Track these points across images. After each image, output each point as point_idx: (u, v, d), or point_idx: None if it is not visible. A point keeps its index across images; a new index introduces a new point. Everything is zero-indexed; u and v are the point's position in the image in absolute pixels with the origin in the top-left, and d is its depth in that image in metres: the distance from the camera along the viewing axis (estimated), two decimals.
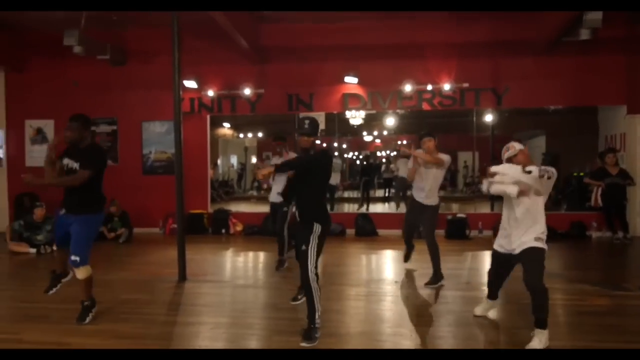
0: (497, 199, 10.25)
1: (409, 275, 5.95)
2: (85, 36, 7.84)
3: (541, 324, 3.67)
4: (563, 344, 3.82)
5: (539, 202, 3.82)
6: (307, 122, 3.80)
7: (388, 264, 6.93)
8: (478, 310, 4.43)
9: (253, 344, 3.90)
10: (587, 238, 8.44)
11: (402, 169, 10.21)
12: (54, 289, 4.45)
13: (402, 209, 10.21)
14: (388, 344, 3.83)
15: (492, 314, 4.41)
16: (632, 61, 8.46)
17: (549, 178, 3.61)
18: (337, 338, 3.92)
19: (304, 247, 3.72)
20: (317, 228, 3.69)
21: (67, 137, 4.17)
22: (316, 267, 3.75)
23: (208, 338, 3.99)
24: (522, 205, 3.80)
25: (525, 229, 3.81)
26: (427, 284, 5.38)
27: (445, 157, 5.40)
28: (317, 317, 3.76)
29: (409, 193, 6.49)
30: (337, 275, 6.01)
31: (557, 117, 11.79)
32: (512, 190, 3.72)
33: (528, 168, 3.64)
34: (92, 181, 4.12)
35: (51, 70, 9.47)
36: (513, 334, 4.01)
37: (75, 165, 4.13)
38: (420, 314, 4.54)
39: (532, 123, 13.01)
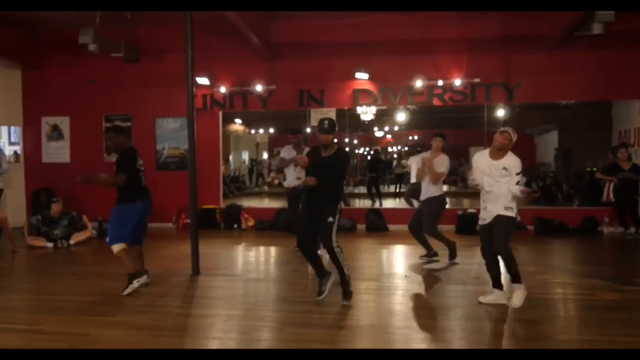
0: None
1: (419, 270, 6.01)
2: (99, 34, 7.98)
3: (515, 278, 4.37)
4: (571, 337, 3.86)
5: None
6: (326, 122, 4.43)
7: (399, 258, 6.98)
8: (483, 299, 4.56)
9: (265, 335, 3.99)
10: (598, 233, 8.41)
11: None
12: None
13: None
14: (398, 337, 3.90)
15: (509, 302, 4.47)
16: None
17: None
18: (347, 330, 4.00)
19: (330, 219, 4.40)
20: (341, 205, 4.54)
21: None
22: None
23: (221, 330, 4.08)
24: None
25: (494, 200, 4.40)
26: (422, 256, 6.31)
27: (443, 168, 6.03)
28: (346, 276, 4.57)
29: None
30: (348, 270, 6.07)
31: (569, 111, 11.71)
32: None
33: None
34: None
35: (67, 68, 9.65)
36: (522, 328, 4.05)
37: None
38: (430, 308, 4.60)
39: (544, 118, 12.95)
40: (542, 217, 8.64)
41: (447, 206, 10.28)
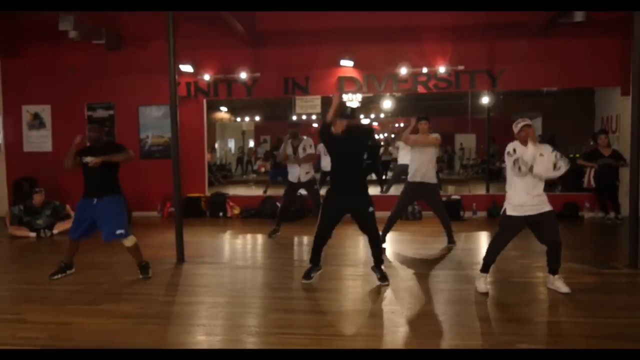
0: (493, 181, 10.38)
1: (403, 256, 6.07)
2: (80, 21, 7.83)
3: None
4: (550, 319, 3.95)
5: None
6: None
7: (384, 245, 7.02)
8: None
9: (250, 321, 4.02)
10: (579, 218, 8.55)
11: (402, 156, 10.17)
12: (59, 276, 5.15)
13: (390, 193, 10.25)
14: (383, 322, 3.96)
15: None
16: (627, 43, 8.45)
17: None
18: (331, 316, 4.04)
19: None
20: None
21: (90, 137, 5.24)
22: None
23: (205, 317, 4.10)
24: None
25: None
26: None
27: (435, 136, 6.25)
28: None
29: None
30: (333, 256, 6.12)
31: (553, 98, 11.82)
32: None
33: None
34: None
35: (47, 56, 9.46)
36: (502, 310, 4.14)
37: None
38: (414, 292, 4.65)
39: (528, 105, 13.05)
40: None
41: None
